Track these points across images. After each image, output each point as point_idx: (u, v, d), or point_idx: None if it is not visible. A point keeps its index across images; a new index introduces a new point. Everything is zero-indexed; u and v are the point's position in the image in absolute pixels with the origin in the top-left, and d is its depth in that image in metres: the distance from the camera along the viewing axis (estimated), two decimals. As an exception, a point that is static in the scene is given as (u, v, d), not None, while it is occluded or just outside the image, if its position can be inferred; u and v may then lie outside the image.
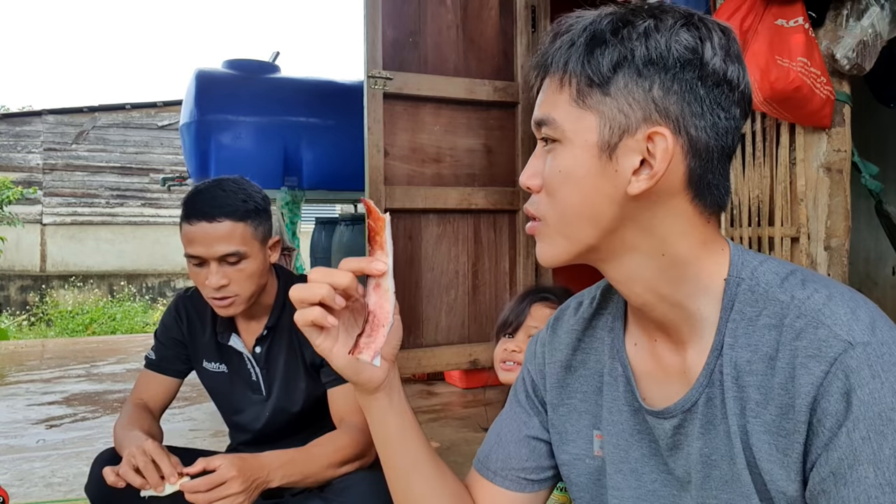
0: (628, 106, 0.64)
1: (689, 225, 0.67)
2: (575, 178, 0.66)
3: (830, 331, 0.59)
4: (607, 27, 0.65)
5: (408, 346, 3.10)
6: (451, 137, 3.16)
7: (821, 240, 1.99)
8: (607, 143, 0.65)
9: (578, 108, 0.66)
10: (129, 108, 11.73)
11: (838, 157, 1.98)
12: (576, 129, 0.66)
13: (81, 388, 4.04)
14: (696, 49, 0.64)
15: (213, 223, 1.37)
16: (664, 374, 0.73)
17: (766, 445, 0.62)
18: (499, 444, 0.86)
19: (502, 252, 3.29)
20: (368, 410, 0.78)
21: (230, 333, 1.55)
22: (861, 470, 0.56)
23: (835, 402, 0.58)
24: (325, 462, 1.36)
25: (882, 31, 1.89)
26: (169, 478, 1.21)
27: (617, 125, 0.64)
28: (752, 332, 0.64)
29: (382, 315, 0.70)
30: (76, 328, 9.49)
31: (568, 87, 0.66)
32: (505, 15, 3.27)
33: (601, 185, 0.65)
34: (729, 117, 0.66)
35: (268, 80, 4.38)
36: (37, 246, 11.29)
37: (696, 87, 0.64)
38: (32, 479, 2.40)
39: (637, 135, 0.64)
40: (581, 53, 0.65)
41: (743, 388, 0.64)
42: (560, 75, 0.67)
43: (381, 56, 2.96)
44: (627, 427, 0.75)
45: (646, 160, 0.64)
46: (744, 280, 0.67)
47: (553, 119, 0.67)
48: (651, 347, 0.74)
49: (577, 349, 0.82)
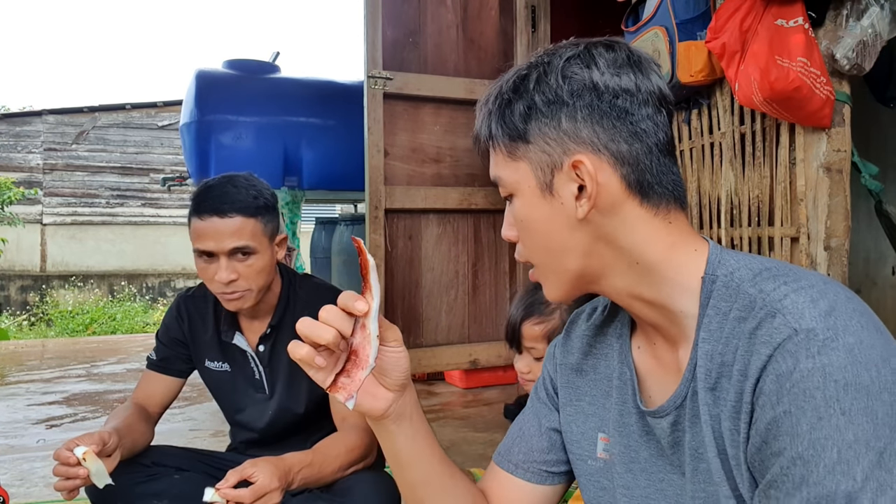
0: (547, 146, 0.71)
1: (651, 229, 0.71)
2: (533, 220, 0.74)
3: (784, 319, 0.61)
4: (509, 88, 0.73)
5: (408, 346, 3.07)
6: (451, 137, 3.16)
7: (821, 240, 1.99)
8: (544, 183, 0.72)
9: (513, 162, 0.74)
10: (129, 108, 11.73)
11: (838, 157, 1.98)
12: (517, 180, 0.74)
13: (82, 388, 4.04)
14: (583, 77, 0.70)
15: (223, 218, 1.38)
16: (664, 373, 0.75)
17: (728, 431, 0.65)
18: (521, 437, 0.90)
19: (502, 252, 3.30)
20: (379, 435, 0.80)
21: (234, 332, 1.55)
22: (780, 441, 0.58)
23: (770, 383, 0.60)
24: (338, 464, 1.37)
25: (882, 32, 1.89)
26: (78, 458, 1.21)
27: (545, 165, 0.71)
28: (724, 326, 0.67)
29: (363, 357, 0.70)
30: (76, 328, 9.49)
31: (500, 148, 0.75)
32: (505, 15, 3.27)
33: (556, 219, 0.72)
34: (642, 118, 0.71)
35: (268, 81, 4.37)
36: (37, 246, 11.29)
37: (597, 108, 0.70)
38: (33, 478, 2.41)
39: (564, 167, 0.71)
40: (497, 118, 0.74)
41: (715, 380, 0.67)
42: (491, 142, 0.76)
43: (381, 56, 2.96)
44: (636, 429, 0.77)
45: (583, 186, 0.70)
46: (719, 277, 0.69)
47: (500, 178, 0.76)
48: (652, 349, 0.78)
49: (588, 354, 0.86)
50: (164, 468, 1.49)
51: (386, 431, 0.78)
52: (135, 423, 1.45)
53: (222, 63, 4.45)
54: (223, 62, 4.45)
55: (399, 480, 0.84)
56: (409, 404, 0.78)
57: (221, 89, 4.18)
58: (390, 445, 0.80)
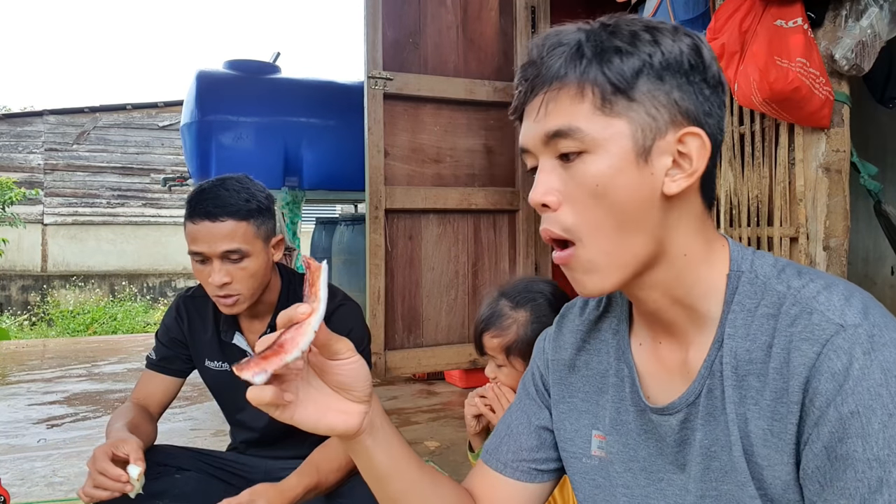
0: (655, 109, 0.65)
1: (700, 222, 0.69)
2: (615, 186, 0.65)
3: (823, 316, 0.61)
4: (616, 36, 0.66)
5: (408, 346, 3.11)
6: (451, 138, 3.16)
7: (820, 240, 2.00)
8: (642, 147, 0.65)
9: (605, 117, 0.65)
10: (130, 109, 11.74)
11: (837, 157, 1.98)
12: (605, 137, 0.65)
13: (82, 388, 4.05)
14: (699, 53, 0.67)
15: (215, 222, 1.38)
16: (667, 372, 0.74)
17: (761, 431, 0.63)
18: (509, 435, 0.87)
19: (502, 252, 3.30)
20: (355, 454, 0.75)
21: (234, 332, 1.55)
22: (850, 444, 0.57)
23: (825, 381, 0.59)
24: (339, 477, 1.39)
25: (881, 32, 1.89)
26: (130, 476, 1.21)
27: (648, 129, 0.65)
28: (751, 323, 0.66)
29: (290, 346, 0.63)
30: (77, 328, 9.50)
31: (590, 96, 0.65)
32: (505, 15, 3.28)
33: (642, 190, 0.65)
34: (723, 115, 0.70)
35: (268, 81, 4.38)
36: (38, 246, 11.30)
37: (703, 89, 0.67)
38: (34, 478, 2.41)
39: (667, 137, 0.65)
40: (598, 63, 0.65)
41: (742, 378, 0.65)
42: (576, 85, 0.65)
43: (382, 57, 2.97)
44: (634, 427, 0.76)
45: (676, 161, 0.66)
46: (743, 273, 0.68)
47: (578, 129, 0.65)
48: (655, 348, 0.76)
49: (581, 349, 0.83)
50: (164, 468, 1.49)
51: (362, 448, 0.73)
52: (141, 423, 1.46)
53: (223, 63, 4.45)
54: (224, 63, 4.45)
55: (381, 496, 0.79)
56: (379, 413, 0.73)
57: (222, 90, 4.19)
58: (367, 463, 0.75)
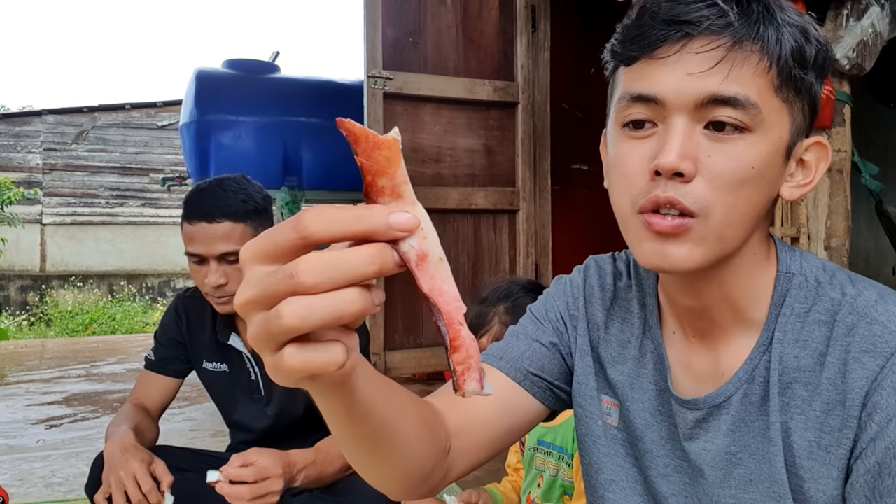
0: (807, 108, 0.61)
1: (768, 223, 0.67)
2: (765, 175, 0.59)
3: (885, 327, 0.59)
4: (806, 20, 0.59)
5: (408, 347, 3.10)
6: (451, 137, 3.16)
7: (821, 240, 1.99)
8: (789, 144, 0.61)
9: (777, 100, 0.58)
10: (128, 108, 11.72)
11: (838, 157, 1.98)
12: (773, 121, 0.58)
13: (81, 388, 4.04)
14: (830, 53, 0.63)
15: (212, 223, 1.38)
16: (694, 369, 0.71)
17: (807, 443, 0.61)
18: (507, 346, 0.80)
19: (502, 252, 3.29)
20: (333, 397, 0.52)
21: (230, 332, 1.55)
22: None
23: (887, 396, 0.57)
24: (340, 464, 1.37)
25: (882, 31, 1.89)
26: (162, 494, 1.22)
27: (796, 127, 0.61)
28: (802, 328, 0.63)
29: (449, 305, 0.41)
30: (76, 328, 9.49)
31: (775, 71, 0.58)
32: (505, 15, 3.27)
33: (774, 187, 0.62)
34: None
35: (268, 80, 4.37)
36: (36, 246, 11.29)
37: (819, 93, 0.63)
38: (32, 479, 2.40)
39: (805, 141, 0.62)
40: (796, 41, 0.58)
41: (788, 385, 0.63)
42: (770, 56, 0.57)
43: (381, 56, 2.96)
44: (650, 406, 0.73)
45: (798, 167, 0.63)
46: (794, 275, 0.66)
47: (756, 103, 0.57)
48: (686, 341, 0.73)
49: (608, 312, 0.79)
50: (163, 468, 1.49)
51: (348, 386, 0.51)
52: (145, 426, 1.47)
53: (222, 63, 4.45)
54: (223, 62, 4.45)
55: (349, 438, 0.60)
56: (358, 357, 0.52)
57: (221, 89, 4.18)
58: (350, 400, 0.52)
